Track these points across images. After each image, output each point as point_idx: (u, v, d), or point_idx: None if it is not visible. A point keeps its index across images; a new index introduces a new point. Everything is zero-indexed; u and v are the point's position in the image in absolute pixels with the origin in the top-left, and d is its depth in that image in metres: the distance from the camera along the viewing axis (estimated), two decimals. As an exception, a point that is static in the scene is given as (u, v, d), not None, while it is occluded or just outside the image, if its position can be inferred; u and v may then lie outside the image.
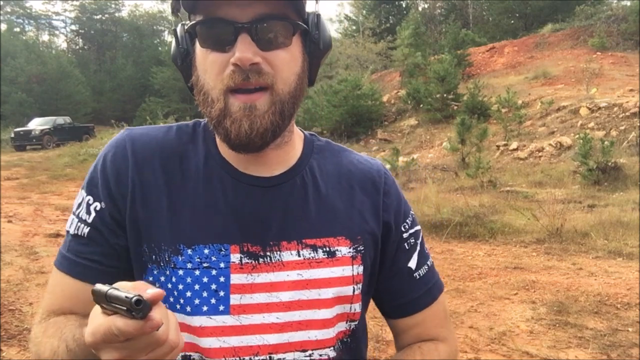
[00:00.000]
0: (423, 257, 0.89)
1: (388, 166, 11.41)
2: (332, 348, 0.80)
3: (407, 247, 0.87)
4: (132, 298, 0.50)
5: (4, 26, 43.02)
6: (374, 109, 18.32)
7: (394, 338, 0.93)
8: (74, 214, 0.79)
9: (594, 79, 16.73)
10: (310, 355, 0.78)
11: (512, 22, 32.98)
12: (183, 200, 0.78)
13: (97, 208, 0.77)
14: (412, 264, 0.87)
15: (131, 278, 0.78)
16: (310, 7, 0.77)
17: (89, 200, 0.78)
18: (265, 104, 0.72)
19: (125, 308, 0.51)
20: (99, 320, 0.54)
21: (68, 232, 0.79)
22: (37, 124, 24.02)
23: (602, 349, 3.36)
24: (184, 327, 0.76)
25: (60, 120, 25.13)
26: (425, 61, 20.61)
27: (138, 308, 0.50)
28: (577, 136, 10.52)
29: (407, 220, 0.88)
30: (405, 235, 0.87)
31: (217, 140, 0.82)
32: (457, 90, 17.13)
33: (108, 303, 0.52)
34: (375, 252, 0.84)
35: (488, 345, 3.49)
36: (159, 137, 0.82)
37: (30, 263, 5.56)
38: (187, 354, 0.77)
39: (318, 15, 0.77)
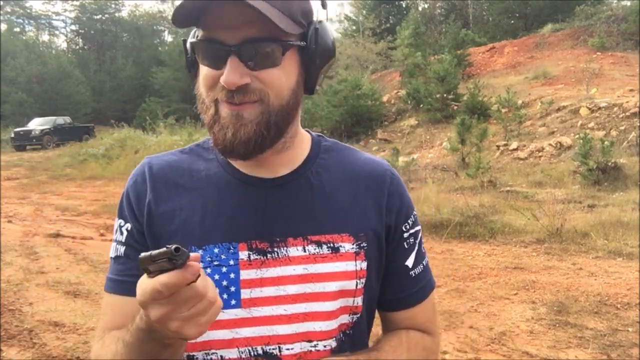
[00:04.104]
0: (420, 256, 0.94)
1: (388, 166, 11.42)
2: (334, 339, 0.84)
3: (406, 247, 0.92)
4: (171, 247, 0.58)
5: (4, 26, 43.07)
6: (374, 109, 18.30)
7: (382, 325, 0.97)
8: (114, 240, 0.89)
9: (594, 79, 16.72)
10: (315, 346, 0.83)
11: (512, 22, 32.96)
12: (194, 206, 0.85)
13: (128, 228, 0.86)
14: (410, 262, 0.92)
15: None
16: (315, 13, 0.80)
17: (120, 223, 0.87)
18: (253, 114, 0.76)
19: (167, 258, 0.58)
20: (146, 282, 0.61)
21: (111, 258, 0.88)
22: (37, 124, 24.02)
23: (602, 349, 3.36)
24: None
25: (60, 120, 25.13)
26: (425, 61, 20.59)
27: (177, 254, 0.58)
28: (577, 136, 10.52)
29: (409, 221, 0.92)
30: (405, 235, 0.91)
31: None
32: (457, 90, 17.11)
33: (152, 262, 0.60)
34: (379, 249, 0.88)
35: (488, 345, 3.49)
36: (173, 158, 0.90)
37: (30, 263, 5.57)
38: (191, 354, 0.83)
39: (316, 29, 0.79)
